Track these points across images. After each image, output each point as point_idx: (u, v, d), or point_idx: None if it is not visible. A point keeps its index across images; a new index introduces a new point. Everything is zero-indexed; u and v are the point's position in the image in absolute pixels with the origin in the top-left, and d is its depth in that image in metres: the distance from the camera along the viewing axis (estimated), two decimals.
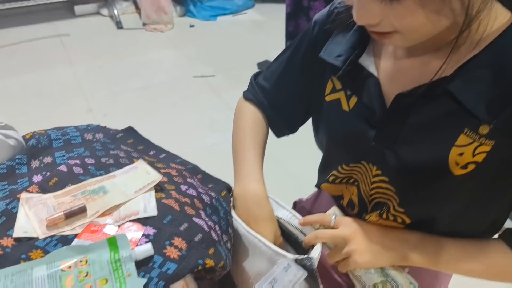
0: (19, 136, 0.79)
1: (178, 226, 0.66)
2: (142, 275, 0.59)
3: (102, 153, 0.80)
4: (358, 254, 0.72)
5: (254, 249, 0.74)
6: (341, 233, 0.74)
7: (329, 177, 0.85)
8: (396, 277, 0.75)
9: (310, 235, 0.76)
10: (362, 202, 0.83)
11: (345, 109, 0.76)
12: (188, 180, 0.78)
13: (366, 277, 0.76)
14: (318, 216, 0.78)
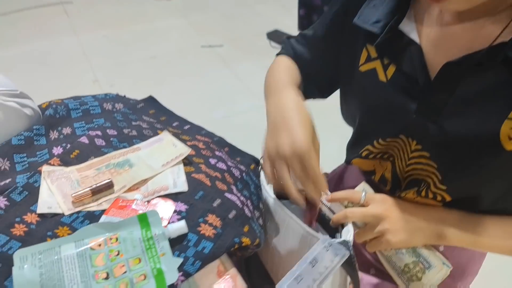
0: (35, 105, 0.74)
1: (211, 202, 0.62)
2: (177, 254, 0.55)
3: (124, 124, 0.75)
4: (392, 233, 0.68)
5: (286, 227, 0.70)
6: (372, 211, 0.70)
7: (363, 151, 0.81)
8: (429, 257, 0.71)
9: (339, 214, 0.72)
10: (395, 179, 0.79)
11: (382, 80, 0.71)
12: (216, 153, 0.74)
13: (396, 257, 0.73)
14: (346, 193, 0.74)
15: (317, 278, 0.56)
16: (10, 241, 0.55)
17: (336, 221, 0.72)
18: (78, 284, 0.51)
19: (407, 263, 0.72)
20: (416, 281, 0.72)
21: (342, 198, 0.74)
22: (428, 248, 0.72)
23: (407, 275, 0.72)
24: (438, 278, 0.71)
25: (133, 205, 0.60)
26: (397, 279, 0.74)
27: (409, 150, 0.72)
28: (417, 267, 0.72)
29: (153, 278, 0.53)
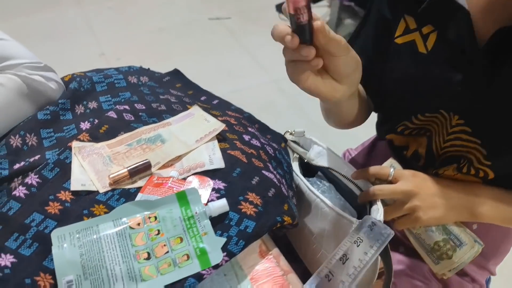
0: (59, 79, 0.71)
1: (250, 180, 0.60)
2: (219, 233, 0.53)
3: (152, 98, 0.72)
4: (422, 210, 0.66)
5: (315, 207, 0.68)
6: (402, 188, 0.67)
7: (398, 127, 0.78)
8: (460, 235, 0.69)
9: (366, 191, 0.69)
10: (430, 155, 0.76)
11: (422, 51, 0.67)
12: (249, 129, 0.71)
13: (426, 235, 0.70)
14: (373, 169, 0.71)
15: (363, 258, 0.55)
16: (45, 219, 0.53)
17: (363, 198, 0.70)
18: (119, 264, 0.49)
19: (437, 241, 0.70)
20: (446, 259, 0.70)
21: (370, 174, 0.71)
22: (459, 225, 0.70)
23: (436, 253, 0.71)
24: (470, 256, 0.69)
25: (169, 183, 0.58)
26: (426, 257, 0.72)
27: (448, 125, 0.69)
28: (448, 245, 0.70)
29: (196, 259, 0.51)
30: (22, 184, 0.55)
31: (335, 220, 0.65)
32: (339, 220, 0.64)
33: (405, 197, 0.67)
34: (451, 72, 0.64)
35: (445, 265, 0.70)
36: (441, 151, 0.73)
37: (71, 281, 0.48)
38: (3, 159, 0.59)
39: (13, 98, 0.63)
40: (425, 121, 0.72)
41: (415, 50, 0.68)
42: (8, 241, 0.50)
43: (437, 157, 0.75)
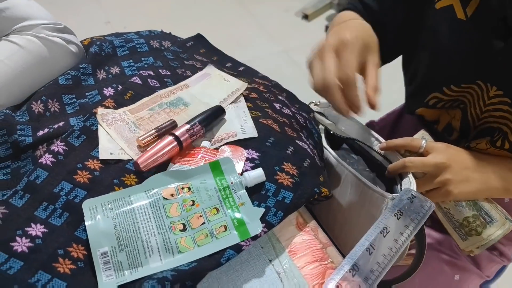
0: (79, 42, 0.67)
1: (284, 150, 0.57)
2: (256, 204, 0.51)
3: (176, 64, 0.68)
4: (454, 184, 0.64)
5: (344, 180, 0.65)
6: (434, 160, 0.64)
7: (430, 99, 0.74)
8: (491, 211, 0.67)
9: (396, 163, 0.67)
10: (465, 127, 0.73)
11: (461, 17, 0.63)
12: (279, 97, 0.68)
13: (455, 210, 0.68)
14: (404, 140, 0.68)
15: (404, 230, 0.53)
16: (74, 188, 0.50)
17: (392, 171, 0.67)
18: (155, 236, 0.47)
19: (466, 217, 0.68)
20: (475, 236, 0.68)
21: (400, 145, 0.68)
22: (490, 201, 0.68)
23: (465, 229, 0.68)
24: (500, 233, 0.67)
25: (201, 153, 0.55)
26: (453, 233, 0.70)
27: (486, 96, 0.66)
28: (477, 221, 0.67)
29: (234, 230, 0.49)
30: (48, 151, 0.53)
31: (366, 194, 0.63)
32: (371, 194, 0.62)
33: (436, 170, 0.64)
34: (491, 39, 0.60)
35: (473, 241, 0.68)
36: (478, 122, 0.70)
37: (106, 252, 0.46)
38: (25, 125, 0.56)
39: (33, 62, 0.60)
40: (460, 92, 0.69)
41: (453, 16, 0.64)
42: (37, 210, 0.48)
43: (472, 129, 0.73)
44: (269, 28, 2.41)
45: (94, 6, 2.51)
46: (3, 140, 0.55)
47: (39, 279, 0.43)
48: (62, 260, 0.45)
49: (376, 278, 0.48)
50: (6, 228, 0.46)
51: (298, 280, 0.49)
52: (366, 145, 0.72)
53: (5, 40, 0.59)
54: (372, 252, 0.50)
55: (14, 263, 0.44)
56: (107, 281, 0.45)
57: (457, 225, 0.69)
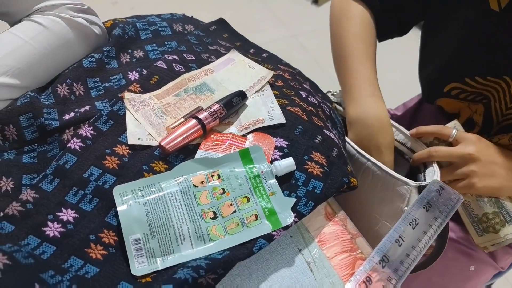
0: (102, 23, 0.66)
1: (313, 138, 0.56)
2: (287, 194, 0.51)
3: (200, 48, 0.67)
4: (478, 177, 0.63)
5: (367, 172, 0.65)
6: (461, 151, 0.63)
7: (450, 90, 0.73)
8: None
9: (422, 152, 0.66)
10: (488, 122, 0.72)
11: (494, 8, 0.61)
12: (304, 85, 0.67)
13: (476, 204, 0.68)
14: (435, 128, 0.68)
15: (433, 223, 0.53)
16: (104, 174, 0.50)
17: (418, 159, 0.67)
18: (186, 223, 0.47)
19: (486, 213, 0.67)
20: (492, 233, 0.67)
21: (430, 132, 0.68)
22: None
23: (483, 225, 0.68)
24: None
25: (229, 140, 0.55)
26: (470, 227, 0.70)
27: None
28: (497, 218, 0.67)
29: (265, 219, 0.48)
30: (76, 135, 0.52)
31: (389, 183, 0.62)
32: (394, 183, 0.61)
33: (462, 161, 0.64)
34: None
35: (489, 238, 0.68)
36: (502, 117, 0.70)
37: (139, 239, 0.46)
38: (51, 108, 0.55)
39: (57, 43, 0.58)
40: (485, 85, 0.68)
41: (487, 6, 0.62)
42: (67, 195, 0.48)
43: (495, 125, 0.72)
44: (278, 13, 2.37)
45: None
46: (29, 123, 0.54)
47: (72, 265, 0.43)
48: (94, 245, 0.45)
49: (406, 270, 0.48)
50: (37, 213, 0.46)
51: (328, 270, 0.49)
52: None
53: (29, 20, 0.58)
54: (401, 244, 0.50)
55: (47, 248, 0.44)
56: (139, 268, 0.45)
57: (475, 219, 0.69)
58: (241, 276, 0.47)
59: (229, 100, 0.56)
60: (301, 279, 0.48)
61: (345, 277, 0.48)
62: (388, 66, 1.01)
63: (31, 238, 0.44)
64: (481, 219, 0.68)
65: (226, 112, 0.55)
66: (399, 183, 0.61)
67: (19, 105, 0.54)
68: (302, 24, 2.30)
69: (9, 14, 0.59)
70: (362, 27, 0.73)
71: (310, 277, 0.48)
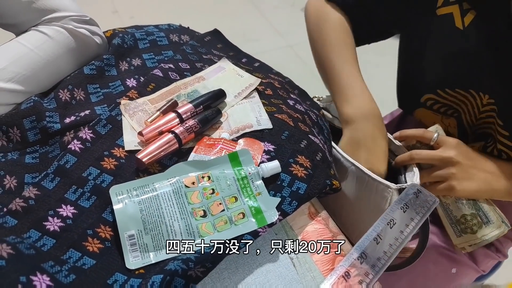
0: (103, 34, 0.70)
1: (298, 143, 0.60)
2: (272, 194, 0.54)
3: (195, 58, 0.71)
4: (458, 180, 0.66)
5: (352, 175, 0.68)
6: (442, 155, 0.66)
7: (427, 101, 0.77)
8: (489, 212, 0.69)
9: (404, 155, 0.69)
10: (463, 133, 0.76)
11: (458, 26, 0.65)
12: (291, 95, 0.71)
13: (455, 206, 0.71)
14: (417, 131, 0.70)
15: (409, 223, 0.56)
16: (101, 174, 0.53)
17: (400, 162, 0.70)
18: (178, 221, 0.51)
19: (464, 214, 0.70)
20: (469, 234, 0.70)
21: (413, 135, 0.71)
22: (489, 203, 0.70)
23: (461, 226, 0.71)
24: (494, 235, 0.69)
25: (221, 144, 0.58)
26: (449, 228, 0.73)
27: (480, 104, 0.69)
28: (475, 220, 0.70)
29: (252, 217, 0.52)
30: (76, 138, 0.56)
31: (372, 186, 0.66)
32: (376, 186, 0.65)
33: (443, 164, 0.66)
34: (485, 52, 0.63)
35: (467, 239, 0.71)
36: (474, 128, 0.73)
37: (133, 235, 0.49)
38: (53, 112, 0.59)
39: (61, 51, 0.62)
40: (454, 97, 0.71)
41: (452, 24, 0.66)
42: (67, 193, 0.51)
43: (470, 135, 0.76)
44: (275, 23, 2.43)
45: None
46: (32, 125, 0.58)
47: (70, 256, 0.47)
48: (91, 239, 0.49)
49: (382, 266, 0.52)
50: (38, 209, 0.49)
51: (310, 266, 0.52)
52: None
53: (35, 30, 0.62)
54: (379, 242, 0.54)
55: (47, 241, 0.47)
56: (133, 262, 0.48)
57: (454, 221, 0.72)
58: (228, 270, 0.51)
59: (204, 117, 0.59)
60: (284, 274, 0.51)
61: (325, 272, 0.52)
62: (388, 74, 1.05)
63: (32, 231, 0.48)
64: (460, 220, 0.71)
65: (201, 126, 0.58)
66: (381, 186, 0.64)
67: (23, 109, 0.58)
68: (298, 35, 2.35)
69: (17, 25, 0.63)
70: (343, 31, 0.76)
71: (293, 272, 0.51)
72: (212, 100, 0.62)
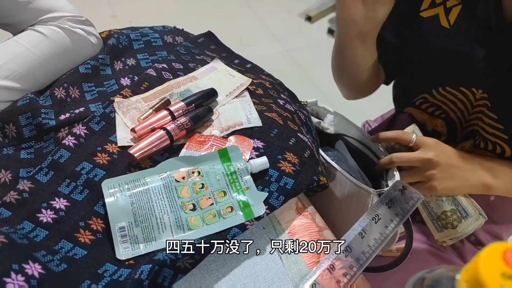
0: (98, 34, 0.72)
1: (287, 140, 0.62)
2: (260, 189, 0.56)
3: (188, 58, 0.73)
4: (438, 180, 0.67)
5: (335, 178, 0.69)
6: (421, 156, 0.67)
7: (417, 100, 0.79)
8: (467, 207, 0.72)
9: (385, 158, 0.70)
10: (452, 131, 0.78)
11: (444, 25, 0.67)
12: (281, 95, 0.72)
13: (435, 203, 0.73)
14: (395, 133, 0.71)
15: (394, 218, 0.58)
16: (94, 168, 0.55)
17: (381, 166, 0.71)
18: (168, 214, 0.52)
19: (445, 211, 0.72)
20: (450, 229, 0.72)
21: (390, 138, 0.72)
22: (467, 197, 0.73)
23: (442, 221, 0.73)
24: (473, 227, 0.72)
25: (211, 141, 0.60)
26: (430, 224, 0.75)
27: (473, 99, 0.70)
28: (454, 215, 0.72)
29: (240, 211, 0.53)
30: (70, 134, 0.57)
31: (354, 190, 0.66)
32: (357, 190, 0.65)
33: (423, 165, 0.68)
34: (474, 47, 0.65)
35: (448, 233, 0.73)
36: (465, 124, 0.75)
37: (123, 227, 0.51)
38: (49, 109, 0.61)
39: (56, 50, 0.64)
40: (446, 97, 0.73)
41: (438, 24, 0.68)
42: (60, 186, 0.53)
43: (459, 132, 0.77)
44: (272, 28, 2.45)
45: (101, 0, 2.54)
46: (28, 122, 0.59)
47: (62, 247, 0.48)
48: (83, 231, 0.50)
49: (366, 259, 0.53)
50: (32, 201, 0.51)
51: (296, 258, 0.54)
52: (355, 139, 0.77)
53: (32, 29, 0.64)
54: (364, 236, 0.55)
55: (40, 232, 0.49)
56: (124, 252, 0.49)
57: (435, 217, 0.74)
58: (216, 262, 0.52)
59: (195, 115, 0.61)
60: (271, 266, 0.52)
61: (311, 265, 0.53)
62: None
63: (26, 223, 0.49)
64: (440, 216, 0.73)
65: (192, 124, 0.60)
66: (362, 191, 0.65)
67: (19, 106, 0.60)
68: (295, 40, 2.38)
69: (14, 24, 0.65)
70: None
71: (279, 264, 0.53)
72: (204, 99, 0.64)
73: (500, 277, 0.23)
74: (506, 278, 0.23)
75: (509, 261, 0.24)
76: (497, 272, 0.23)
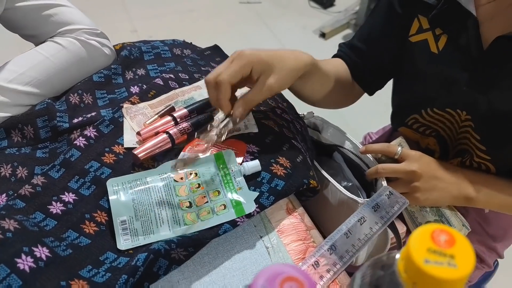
0: (112, 46, 0.78)
1: (281, 146, 0.66)
2: (253, 189, 0.60)
3: (194, 69, 0.79)
4: (421, 192, 0.69)
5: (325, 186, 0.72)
6: (405, 168, 0.69)
7: (409, 120, 0.82)
8: (451, 218, 0.73)
9: (372, 169, 0.73)
10: (444, 148, 0.80)
11: (433, 51, 0.71)
12: (279, 105, 0.77)
13: (419, 214, 0.75)
14: (381, 146, 0.74)
15: (379, 221, 0.61)
16: (101, 167, 0.60)
17: (369, 176, 0.73)
18: (166, 210, 0.57)
19: (428, 221, 0.74)
20: None
21: (376, 150, 0.74)
22: (451, 208, 0.74)
23: None
24: None
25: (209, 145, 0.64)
26: None
27: (459, 120, 0.73)
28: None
29: (232, 208, 0.58)
30: (81, 135, 0.63)
31: (343, 199, 0.69)
32: (347, 200, 0.68)
33: (407, 177, 0.70)
34: (458, 72, 0.68)
35: None
36: (455, 143, 0.78)
37: (125, 221, 0.55)
38: (63, 113, 0.67)
39: (73, 60, 0.70)
40: (434, 117, 0.76)
41: (428, 50, 0.71)
42: (70, 182, 0.58)
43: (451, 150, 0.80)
44: (287, 44, 2.51)
45: (122, 16, 2.66)
46: (44, 124, 0.65)
47: (69, 236, 0.53)
48: (88, 222, 0.55)
49: (350, 258, 0.56)
50: (44, 194, 0.56)
51: (283, 254, 0.57)
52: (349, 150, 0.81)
53: (51, 40, 0.70)
54: (349, 236, 0.58)
55: (49, 222, 0.54)
56: (124, 243, 0.54)
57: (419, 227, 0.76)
58: (209, 256, 0.56)
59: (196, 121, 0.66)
60: (259, 261, 0.56)
61: (297, 261, 0.57)
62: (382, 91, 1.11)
63: (37, 213, 0.54)
64: None
65: (193, 129, 0.64)
66: (350, 200, 0.68)
67: (37, 110, 0.66)
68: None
69: (37, 36, 0.72)
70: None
71: (267, 259, 0.56)
72: (206, 107, 0.69)
73: (426, 252, 0.27)
74: (431, 252, 0.27)
75: (435, 239, 0.27)
76: (424, 248, 0.27)
